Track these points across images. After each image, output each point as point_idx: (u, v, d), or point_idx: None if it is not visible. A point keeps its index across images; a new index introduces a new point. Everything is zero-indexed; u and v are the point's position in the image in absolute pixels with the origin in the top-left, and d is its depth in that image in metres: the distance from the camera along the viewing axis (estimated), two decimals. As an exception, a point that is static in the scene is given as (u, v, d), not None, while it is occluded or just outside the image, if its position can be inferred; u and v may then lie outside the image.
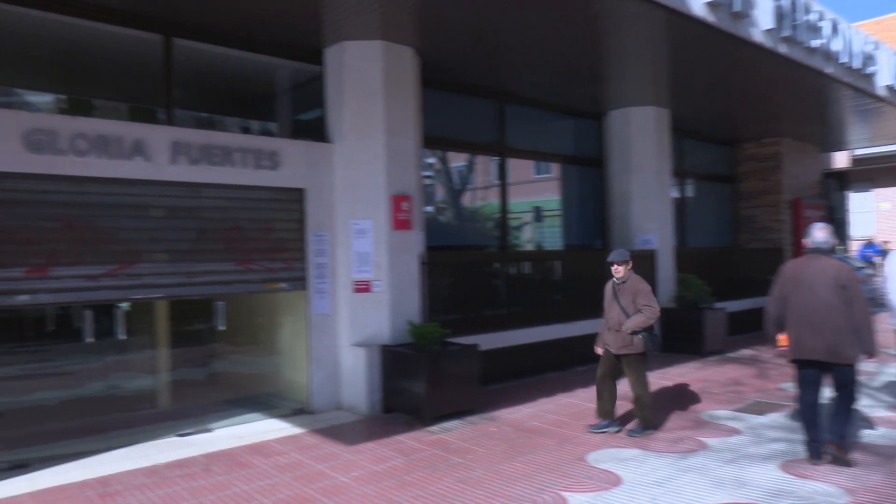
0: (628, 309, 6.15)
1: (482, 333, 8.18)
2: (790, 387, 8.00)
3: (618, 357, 6.24)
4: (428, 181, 9.30)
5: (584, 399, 7.67)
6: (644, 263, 10.81)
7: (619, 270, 6.27)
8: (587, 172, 11.53)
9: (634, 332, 6.08)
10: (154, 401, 7.45)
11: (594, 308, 9.88)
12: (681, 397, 7.66)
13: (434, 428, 6.58)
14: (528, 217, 10.95)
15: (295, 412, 7.23)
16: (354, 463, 5.59)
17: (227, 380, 8.19)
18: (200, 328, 7.89)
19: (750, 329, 12.78)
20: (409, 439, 6.24)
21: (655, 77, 9.47)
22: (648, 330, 6.12)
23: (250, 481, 5.19)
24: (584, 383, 8.46)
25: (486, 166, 10.07)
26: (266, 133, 8.65)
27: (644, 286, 6.21)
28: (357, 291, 7.29)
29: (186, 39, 6.78)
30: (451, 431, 6.47)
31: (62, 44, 6.71)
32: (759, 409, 7.07)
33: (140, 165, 6.10)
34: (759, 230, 14.62)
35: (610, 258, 6.31)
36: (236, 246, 6.75)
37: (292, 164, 7.09)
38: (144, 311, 7.36)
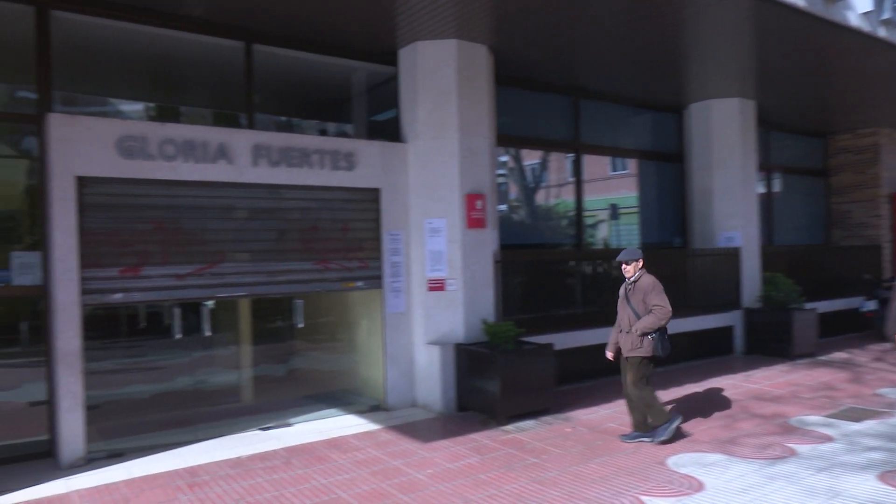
0: (639, 310, 5.90)
1: (557, 333, 8.06)
2: (890, 392, 7.51)
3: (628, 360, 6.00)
4: (501, 179, 9.25)
5: (662, 401, 7.44)
6: (727, 262, 10.41)
7: (627, 270, 6.04)
8: (666, 168, 11.19)
9: (645, 334, 5.81)
10: (238, 395, 7.73)
11: (672, 307, 9.64)
12: (767, 401, 7.32)
13: (509, 427, 6.54)
14: (604, 215, 10.72)
15: (371, 409, 7.35)
16: (430, 460, 5.62)
17: (305, 376, 8.41)
18: (280, 326, 8.13)
19: (844, 331, 12.11)
20: (484, 438, 6.22)
21: (740, 67, 9.07)
22: (660, 332, 5.83)
23: (329, 475, 5.30)
24: (664, 385, 8.21)
25: (560, 163, 9.92)
26: (342, 134, 8.82)
27: (655, 285, 5.90)
28: (431, 290, 7.33)
29: (266, 45, 7.00)
30: (526, 431, 6.40)
31: (150, 53, 7.06)
32: (855, 415, 6.66)
33: (224, 168, 6.34)
34: (854, 226, 13.78)
35: (618, 257, 6.11)
36: (314, 246, 6.92)
37: (368, 164, 7.20)
38: (228, 308, 7.65)
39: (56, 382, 5.66)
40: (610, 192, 10.79)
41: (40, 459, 5.80)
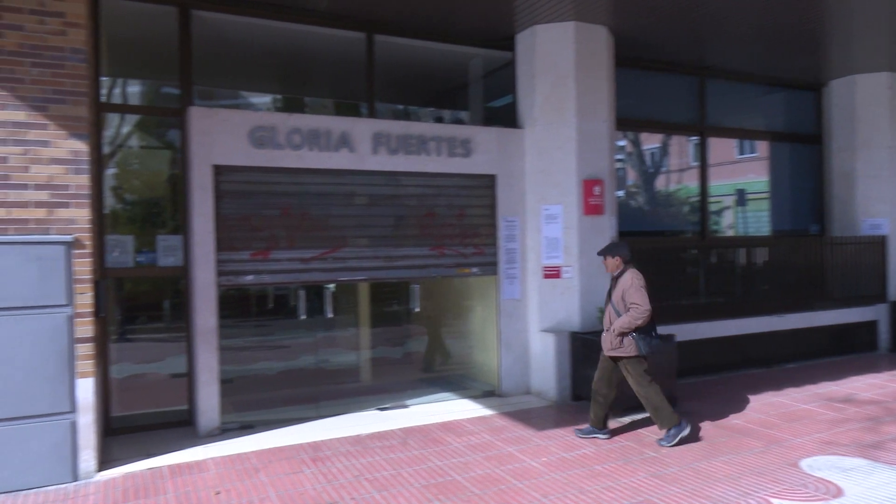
0: (618, 306, 5.60)
1: (677, 324, 7.74)
2: None
3: (613, 360, 5.69)
4: (619, 164, 8.96)
5: (795, 399, 6.98)
6: (871, 251, 9.58)
7: (606, 264, 5.81)
8: (800, 150, 10.40)
9: (623, 334, 5.49)
10: (357, 376, 8.02)
11: (807, 300, 9.01)
12: (918, 405, 6.68)
13: (625, 419, 6.37)
14: (730, 201, 10.14)
15: (485, 394, 7.40)
16: (544, 448, 5.58)
17: (421, 359, 8.58)
18: (397, 309, 8.33)
19: None
20: (600, 429, 6.09)
21: (892, 38, 8.23)
22: (643, 331, 5.49)
23: (444, 458, 5.39)
24: (796, 382, 7.70)
25: (681, 147, 9.47)
26: (457, 121, 8.87)
27: (635, 281, 5.54)
28: (546, 277, 7.24)
29: (386, 35, 7.14)
30: (644, 424, 6.20)
31: (277, 47, 7.39)
32: None
33: (346, 156, 6.56)
34: None
35: (599, 251, 5.90)
36: (431, 231, 7.03)
37: (484, 150, 7.20)
38: (349, 292, 7.93)
39: (195, 357, 6.11)
40: (736, 177, 10.19)
41: (180, 427, 6.29)
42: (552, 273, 7.22)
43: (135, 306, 6.69)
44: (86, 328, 5.02)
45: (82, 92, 5.03)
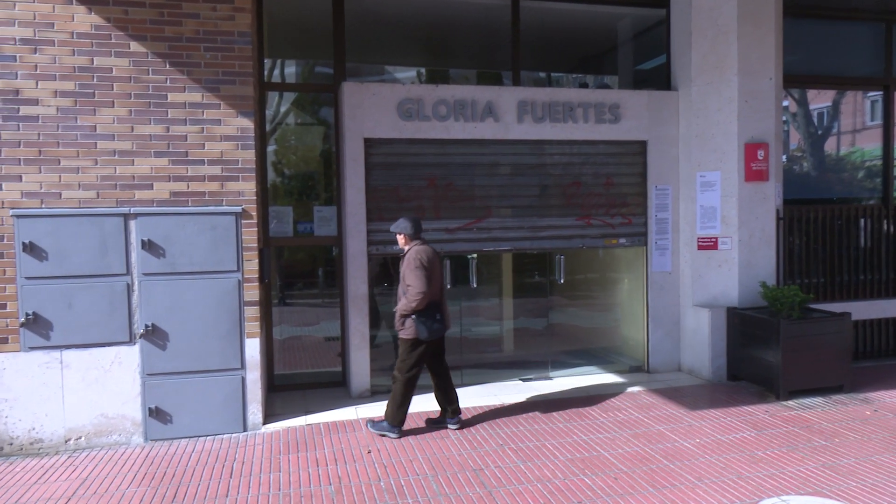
0: (403, 286, 5.18)
1: (851, 301, 7.07)
2: None
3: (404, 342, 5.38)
4: (783, 126, 8.18)
5: None
6: None
7: (398, 241, 5.45)
8: None
9: (404, 316, 5.20)
10: (499, 346, 8.05)
11: None
12: None
13: (791, 403, 5.90)
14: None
15: (631, 369, 7.17)
16: (697, 429, 5.31)
17: (564, 331, 8.44)
18: (541, 281, 8.23)
19: None
20: (760, 412, 5.69)
21: None
22: (426, 315, 5.15)
23: (589, 432, 5.28)
24: None
25: (855, 106, 8.46)
26: (603, 86, 8.52)
27: (412, 261, 5.09)
28: (701, 249, 6.83)
29: (532, 1, 6.95)
30: (813, 409, 5.72)
31: (422, 20, 7.44)
32: None
33: (490, 126, 6.51)
34: None
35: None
36: (576, 201, 6.84)
37: (634, 115, 6.86)
38: (492, 262, 7.94)
39: (347, 322, 6.41)
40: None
41: (334, 388, 6.67)
42: (708, 244, 6.79)
43: (293, 273, 7.13)
44: (252, 292, 5.41)
45: (248, 73, 5.36)
